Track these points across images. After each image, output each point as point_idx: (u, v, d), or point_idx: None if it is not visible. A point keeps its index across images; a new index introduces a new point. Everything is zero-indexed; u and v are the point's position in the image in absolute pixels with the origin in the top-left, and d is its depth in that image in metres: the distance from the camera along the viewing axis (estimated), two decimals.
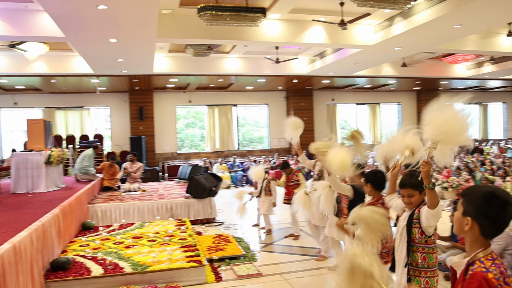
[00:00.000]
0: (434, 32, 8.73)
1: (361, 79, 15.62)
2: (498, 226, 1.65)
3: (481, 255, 1.64)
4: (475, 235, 1.67)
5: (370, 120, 19.57)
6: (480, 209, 1.64)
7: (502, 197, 1.63)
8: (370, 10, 8.04)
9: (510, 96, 22.11)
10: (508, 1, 6.90)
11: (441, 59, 13.61)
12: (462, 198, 1.75)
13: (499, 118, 22.34)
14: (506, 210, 1.62)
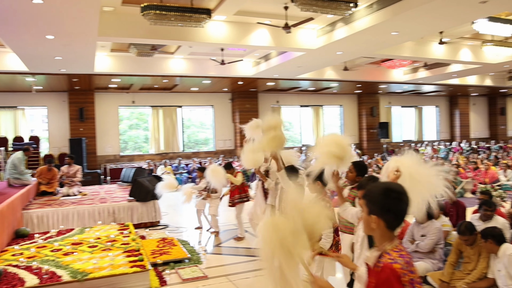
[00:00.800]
0: (373, 38, 9.12)
1: (305, 82, 15.99)
2: (399, 217, 1.77)
3: (388, 247, 1.74)
4: (382, 230, 1.77)
5: (314, 122, 20.07)
6: (381, 205, 1.75)
7: (396, 190, 1.76)
8: (313, 15, 8.25)
9: (442, 100, 23.56)
10: (439, 12, 7.36)
11: (380, 64, 14.25)
12: (364, 199, 1.84)
13: (432, 121, 23.72)
14: (402, 201, 1.75)
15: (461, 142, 21.79)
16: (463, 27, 10.12)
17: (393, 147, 21.21)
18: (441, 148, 20.31)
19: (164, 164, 15.57)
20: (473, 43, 12.35)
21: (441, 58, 12.24)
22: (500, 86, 19.51)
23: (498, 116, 24.59)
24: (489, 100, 24.77)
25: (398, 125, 22.45)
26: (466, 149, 20.03)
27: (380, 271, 1.71)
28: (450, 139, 23.40)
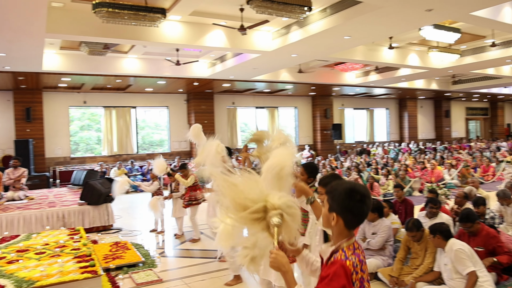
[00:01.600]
0: (327, 42, 9.34)
1: (261, 83, 16.10)
2: (359, 218, 1.81)
3: (344, 244, 1.77)
4: (341, 228, 1.79)
5: (269, 123, 20.25)
6: (343, 204, 1.77)
7: (360, 191, 1.78)
8: (268, 17, 8.33)
9: (392, 102, 24.48)
10: (388, 18, 7.65)
11: (333, 67, 14.60)
12: (327, 195, 1.86)
13: (383, 123, 24.60)
14: (365, 203, 1.78)
15: (410, 143, 22.74)
16: (411, 33, 10.57)
17: (346, 148, 21.81)
18: (391, 149, 21.10)
19: (118, 166, 15.16)
20: (420, 49, 12.94)
21: (390, 62, 12.72)
22: (445, 90, 20.56)
23: (443, 118, 25.89)
24: (435, 103, 26.02)
25: (350, 126, 23.10)
26: (414, 149, 20.91)
27: (330, 265, 1.74)
28: (400, 140, 24.36)
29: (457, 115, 27.71)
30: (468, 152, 18.39)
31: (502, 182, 10.79)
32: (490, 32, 10.78)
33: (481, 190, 7.81)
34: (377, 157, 17.76)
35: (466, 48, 12.91)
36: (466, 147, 21.64)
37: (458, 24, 9.61)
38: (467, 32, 10.82)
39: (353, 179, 10.78)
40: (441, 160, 14.66)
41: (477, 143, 22.62)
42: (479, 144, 22.49)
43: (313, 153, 19.64)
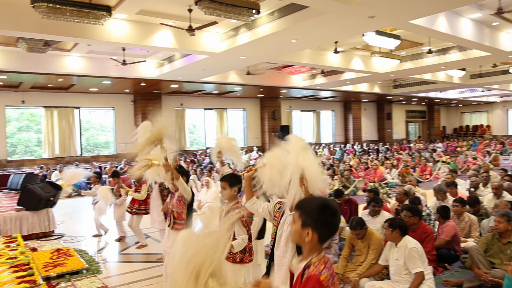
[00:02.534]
0: (275, 45, 9.49)
1: (209, 85, 16.05)
2: (332, 232, 1.85)
3: (315, 259, 1.80)
4: (314, 243, 1.81)
5: (218, 125, 20.23)
6: (318, 220, 1.80)
7: (332, 206, 1.84)
8: (217, 19, 8.33)
9: (338, 105, 25.26)
10: (333, 23, 7.91)
11: (281, 69, 14.85)
12: (298, 211, 1.87)
13: (329, 124, 25.31)
14: (337, 217, 1.84)
15: (354, 144, 23.56)
16: (355, 39, 10.97)
17: None
18: (337, 150, 21.75)
19: (59, 169, 14.49)
20: (363, 54, 13.46)
21: (336, 66, 13.14)
22: (387, 93, 21.52)
23: (385, 121, 27.08)
24: (377, 106, 27.15)
25: (298, 128, 23.57)
26: (359, 150, 21.69)
27: (306, 282, 1.75)
28: (345, 141, 25.17)
29: (398, 117, 29.09)
30: (408, 153, 19.34)
31: (438, 181, 11.45)
32: (427, 40, 11.42)
33: (418, 188, 8.25)
34: (323, 158, 18.23)
35: (405, 54, 13.60)
36: (406, 148, 22.74)
37: (398, 31, 10.10)
38: (406, 39, 11.41)
39: None
40: (383, 161, 15.31)
41: (416, 144, 23.86)
42: (418, 145, 23.74)
43: (261, 154, 19.82)
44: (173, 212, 4.33)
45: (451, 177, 8.74)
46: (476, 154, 18.18)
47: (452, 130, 33.90)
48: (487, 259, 4.50)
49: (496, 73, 17.29)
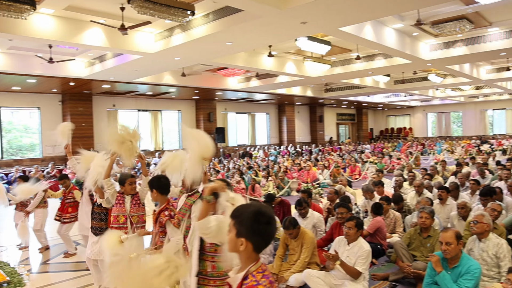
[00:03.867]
0: (209, 47, 9.48)
1: (143, 86, 15.65)
2: (267, 240, 1.81)
3: (253, 269, 1.76)
4: (249, 252, 1.77)
5: (152, 127, 19.77)
6: (252, 228, 1.75)
7: (266, 214, 1.79)
8: (151, 19, 8.16)
9: (272, 107, 25.72)
10: (267, 27, 8.06)
11: (216, 71, 14.85)
12: (233, 220, 1.82)
13: (264, 127, 25.69)
14: (271, 225, 1.80)
15: (288, 146, 24.12)
16: (288, 43, 11.26)
17: (229, 151, 22.28)
18: (271, 152, 22.15)
19: None
20: (296, 58, 13.85)
21: (270, 69, 13.39)
22: (319, 97, 22.29)
23: (318, 123, 28.02)
24: (310, 109, 28.02)
25: (233, 130, 23.68)
26: (292, 152, 22.25)
27: None
28: (279, 143, 25.68)
29: (329, 120, 30.23)
30: (338, 154, 20.17)
31: (367, 180, 12.06)
32: (355, 47, 12.01)
33: (348, 188, 8.64)
34: (259, 159, 18.48)
35: (336, 60, 14.19)
36: (337, 149, 23.69)
37: (329, 38, 10.52)
38: (336, 45, 11.91)
39: (235, 181, 11.08)
40: (316, 162, 15.83)
41: (347, 146, 24.93)
42: (348, 146, 24.83)
43: None
44: (131, 218, 4.09)
45: (378, 176, 9.25)
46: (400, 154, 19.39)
47: (379, 132, 35.85)
48: (409, 253, 4.83)
49: (417, 79, 18.60)
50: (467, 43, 11.66)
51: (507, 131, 28.75)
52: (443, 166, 11.76)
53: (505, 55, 12.40)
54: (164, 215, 3.52)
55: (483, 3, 7.94)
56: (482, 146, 22.58)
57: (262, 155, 20.89)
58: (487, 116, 30.17)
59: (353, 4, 6.85)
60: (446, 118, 31.96)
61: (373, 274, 4.95)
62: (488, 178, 9.26)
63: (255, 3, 6.48)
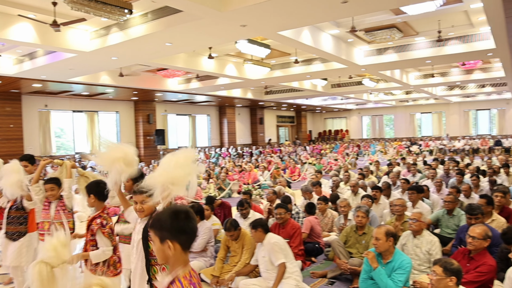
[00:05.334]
0: (148, 47, 9.27)
1: (78, 85, 14.96)
2: (192, 235, 1.81)
3: (181, 273, 1.73)
4: (178, 253, 1.75)
5: (88, 128, 18.94)
6: (173, 228, 1.74)
7: (183, 210, 1.79)
8: (85, 16, 7.84)
9: (213, 109, 25.63)
10: (207, 29, 8.03)
11: (156, 72, 14.55)
12: (152, 229, 1.80)
13: (204, 128, 25.54)
14: (191, 219, 1.79)
15: (229, 148, 24.17)
16: (228, 45, 11.30)
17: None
18: (212, 154, 22.08)
19: None
20: (237, 60, 13.93)
21: (210, 71, 13.35)
22: (259, 99, 22.56)
23: (258, 125, 28.32)
24: (251, 111, 28.26)
25: (173, 132, 23.31)
26: (233, 154, 22.32)
27: None
28: (220, 145, 25.65)
29: (269, 122, 30.66)
30: (278, 156, 20.52)
31: (306, 181, 12.39)
32: (294, 51, 12.29)
33: (287, 188, 8.83)
34: (199, 161, 18.35)
35: (275, 63, 14.45)
36: (277, 151, 24.10)
37: (269, 41, 10.69)
38: (276, 48, 12.14)
39: None
40: (256, 163, 16.01)
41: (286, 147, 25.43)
42: (288, 148, 25.34)
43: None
44: (54, 224, 3.87)
45: (316, 177, 9.54)
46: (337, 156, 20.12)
47: (317, 134, 36.93)
48: (346, 250, 5.03)
49: (352, 83, 19.42)
50: (397, 51, 12.37)
51: (433, 133, 30.77)
52: (377, 167, 12.36)
53: (430, 62, 13.30)
54: (96, 223, 3.34)
55: (410, 13, 8.48)
56: (411, 147, 24.01)
57: (203, 157, 20.76)
58: (415, 119, 32.10)
59: (291, 9, 7.02)
60: (379, 121, 33.60)
61: (312, 272, 5.10)
62: (417, 177, 9.88)
63: (195, 4, 6.44)
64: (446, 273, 2.92)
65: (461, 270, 3.01)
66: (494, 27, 8.66)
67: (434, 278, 2.96)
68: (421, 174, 10.23)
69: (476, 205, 4.63)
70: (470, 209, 4.58)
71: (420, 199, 6.24)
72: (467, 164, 11.34)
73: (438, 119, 30.83)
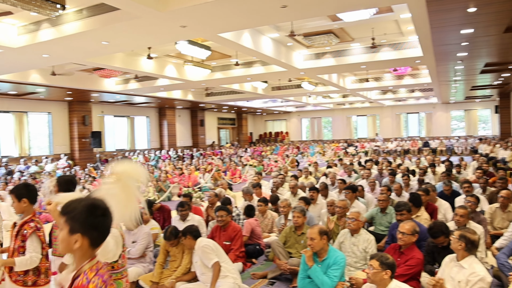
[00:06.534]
0: (83, 45, 8.87)
1: (4, 84, 13.95)
2: (104, 234, 1.72)
3: (87, 267, 1.66)
4: (85, 249, 1.67)
5: (16, 130, 17.72)
6: (87, 222, 1.65)
7: (102, 206, 1.70)
8: (12, 9, 7.35)
9: (152, 111, 25.04)
10: (145, 29, 7.83)
11: (92, 71, 13.95)
12: (64, 216, 1.69)
13: (143, 130, 24.88)
14: (108, 217, 1.71)
15: (169, 150, 23.74)
16: (168, 46, 11.10)
17: (107, 156, 21.10)
18: (152, 156, 21.58)
19: None
20: (177, 61, 13.72)
21: (150, 72, 13.05)
22: (200, 101, 22.39)
23: (199, 127, 28.08)
24: (191, 113, 27.95)
25: (111, 134, 22.49)
26: (174, 156, 21.95)
27: None
28: (160, 147, 25.12)
29: (210, 124, 30.51)
30: (219, 158, 20.47)
31: (246, 183, 12.45)
32: (235, 53, 12.34)
33: (228, 191, 8.83)
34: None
35: (216, 65, 14.41)
36: (218, 153, 24.03)
37: (209, 43, 10.63)
38: (216, 50, 12.11)
39: None
40: (197, 166, 15.86)
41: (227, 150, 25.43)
42: (229, 150, 25.36)
43: (70, 163, 18.20)
44: None
45: (258, 179, 9.62)
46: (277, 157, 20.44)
47: (258, 136, 37.30)
48: (285, 250, 5.11)
49: (292, 86, 19.84)
50: (334, 55, 12.82)
51: (368, 135, 32.20)
52: (316, 168, 12.71)
53: (365, 68, 13.92)
54: (30, 227, 3.13)
55: (346, 20, 8.84)
56: (348, 148, 24.96)
57: (142, 160, 20.23)
58: (352, 121, 33.42)
59: (231, 12, 7.04)
60: (318, 123, 34.59)
61: (253, 273, 5.13)
62: (353, 177, 10.28)
63: (133, 3, 6.26)
64: (382, 267, 3.12)
65: (395, 264, 3.23)
66: (421, 37, 9.24)
67: (371, 271, 3.13)
68: (356, 174, 10.66)
69: (402, 203, 4.99)
70: (396, 206, 4.97)
71: (355, 198, 6.50)
72: (398, 165, 11.97)
73: (373, 121, 32.33)
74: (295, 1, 6.61)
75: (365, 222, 6.05)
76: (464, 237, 3.48)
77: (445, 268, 3.64)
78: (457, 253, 3.55)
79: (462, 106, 29.16)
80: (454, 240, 3.54)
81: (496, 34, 8.56)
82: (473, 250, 3.50)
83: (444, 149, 24.15)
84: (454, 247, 3.56)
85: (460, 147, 24.01)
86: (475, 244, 3.51)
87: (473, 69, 13.30)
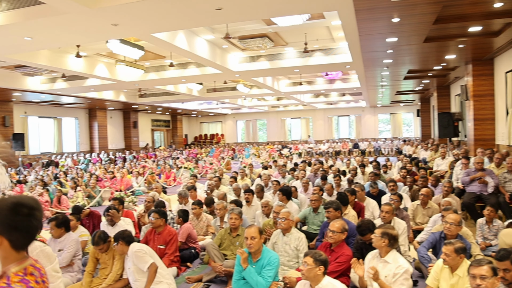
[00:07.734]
0: (3, 40, 8.26)
1: None
2: (29, 235, 1.60)
3: (13, 270, 1.55)
4: (7, 251, 1.56)
5: None
6: (7, 223, 1.54)
7: (28, 205, 1.58)
8: None
9: (82, 112, 23.90)
10: (74, 26, 7.43)
11: (13, 69, 13.02)
12: None
13: (72, 132, 23.66)
14: (35, 217, 1.59)
15: (100, 153, 22.77)
16: (99, 44, 10.66)
17: (31, 160, 19.77)
18: (81, 159, 20.57)
19: None
20: (108, 61, 13.21)
21: (78, 71, 12.42)
22: (133, 102, 21.73)
23: (132, 129, 27.25)
24: (124, 114, 27.05)
25: (35, 136, 21.12)
26: (105, 159, 21.08)
27: None
28: (90, 150, 24.03)
29: (144, 126, 29.70)
30: (153, 160, 19.99)
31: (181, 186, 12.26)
32: (169, 54, 12.13)
33: (163, 194, 8.64)
34: (65, 168, 16.96)
35: (150, 65, 14.07)
36: (152, 155, 23.45)
37: (142, 43, 10.37)
38: (150, 51, 11.83)
39: (37, 194, 9.89)
40: (130, 169, 15.36)
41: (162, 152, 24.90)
42: (163, 152, 24.85)
43: None
44: None
45: (193, 181, 9.52)
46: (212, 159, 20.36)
47: (193, 138, 36.92)
48: (221, 252, 5.10)
49: (227, 89, 19.89)
50: (269, 59, 13.04)
51: (301, 137, 33.11)
52: (251, 169, 12.82)
53: (298, 71, 14.31)
54: None
55: (280, 25, 9.03)
56: (282, 150, 25.47)
57: (71, 163, 19.21)
58: (286, 124, 34.18)
59: (165, 12, 6.91)
60: (253, 125, 34.97)
61: (187, 277, 5.06)
62: (287, 178, 10.50)
63: None
64: (316, 263, 3.24)
65: (328, 260, 3.37)
66: (351, 43, 9.68)
67: (305, 268, 3.23)
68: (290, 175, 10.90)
69: (330, 201, 5.25)
70: (325, 204, 5.28)
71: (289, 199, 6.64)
72: (330, 166, 12.42)
73: (306, 124, 33.30)
74: (230, 4, 6.63)
75: (299, 222, 6.20)
76: (386, 234, 3.71)
77: (368, 264, 3.84)
78: (381, 250, 3.77)
79: (388, 109, 30.98)
80: (377, 238, 3.75)
81: (417, 44, 9.18)
82: (395, 244, 3.76)
83: (372, 150, 25.45)
84: (377, 245, 3.77)
85: (386, 148, 25.44)
86: (396, 238, 3.79)
87: (398, 75, 14.18)
